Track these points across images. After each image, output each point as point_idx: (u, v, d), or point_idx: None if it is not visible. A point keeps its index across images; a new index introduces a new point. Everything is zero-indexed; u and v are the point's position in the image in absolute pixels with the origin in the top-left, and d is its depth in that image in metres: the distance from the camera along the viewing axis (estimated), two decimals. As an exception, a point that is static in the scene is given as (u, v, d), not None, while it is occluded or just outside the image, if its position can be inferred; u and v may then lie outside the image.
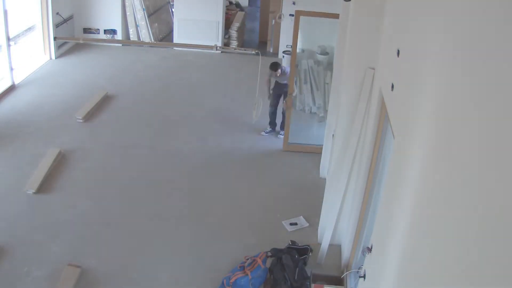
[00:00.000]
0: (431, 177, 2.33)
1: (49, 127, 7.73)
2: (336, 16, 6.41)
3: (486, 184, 1.68)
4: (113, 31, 11.64)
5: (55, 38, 10.12)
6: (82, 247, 5.32)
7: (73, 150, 7.11)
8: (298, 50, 11.11)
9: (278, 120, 7.94)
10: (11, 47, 8.97)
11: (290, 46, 11.36)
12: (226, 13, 12.82)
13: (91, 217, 5.80)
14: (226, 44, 11.95)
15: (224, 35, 11.98)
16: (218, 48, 9.23)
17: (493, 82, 1.70)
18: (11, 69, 8.94)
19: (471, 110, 1.90)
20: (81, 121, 7.93)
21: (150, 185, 6.50)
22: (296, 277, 4.82)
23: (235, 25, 12.05)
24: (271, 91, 7.93)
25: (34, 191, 6.12)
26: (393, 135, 3.30)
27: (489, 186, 1.66)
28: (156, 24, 12.19)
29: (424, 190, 2.43)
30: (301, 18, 7.11)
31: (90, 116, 8.15)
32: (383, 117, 4.09)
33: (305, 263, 5.07)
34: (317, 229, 5.72)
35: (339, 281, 4.96)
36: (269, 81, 7.90)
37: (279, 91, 7.87)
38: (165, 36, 12.64)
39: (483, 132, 1.76)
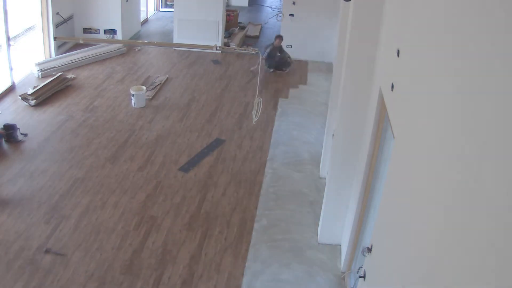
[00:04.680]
0: (431, 177, 2.33)
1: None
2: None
3: (487, 184, 1.68)
4: (113, 31, 11.64)
5: (55, 38, 10.12)
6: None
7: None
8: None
9: None
10: (11, 47, 8.97)
11: (290, 46, 11.41)
12: (228, 15, 12.81)
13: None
14: (226, 44, 11.95)
15: (225, 35, 12.00)
16: (218, 48, 9.21)
17: (493, 82, 1.70)
18: (11, 69, 8.95)
19: (472, 109, 1.89)
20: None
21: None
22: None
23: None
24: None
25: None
26: (393, 135, 3.30)
27: (490, 185, 1.66)
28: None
29: (424, 190, 2.43)
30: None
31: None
32: (383, 117, 4.09)
33: None
34: (317, 229, 5.72)
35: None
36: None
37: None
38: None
39: (483, 132, 1.76)
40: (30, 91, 8.47)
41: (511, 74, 1.55)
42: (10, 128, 7.27)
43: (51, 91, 8.79)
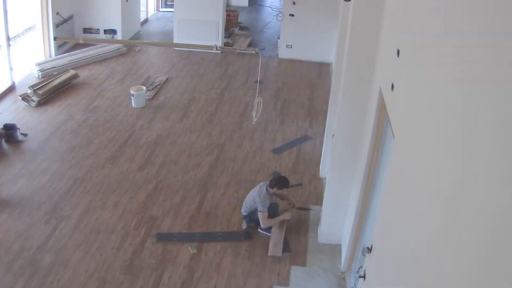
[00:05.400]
0: (431, 177, 2.33)
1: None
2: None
3: (486, 184, 1.68)
4: (113, 31, 11.64)
5: (55, 38, 10.11)
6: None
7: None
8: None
9: None
10: (11, 47, 8.97)
11: (290, 46, 11.42)
12: (228, 15, 12.79)
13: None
14: (226, 43, 11.95)
15: (225, 35, 11.99)
16: (218, 48, 9.22)
17: (493, 81, 1.70)
18: (11, 69, 8.95)
19: (472, 109, 1.89)
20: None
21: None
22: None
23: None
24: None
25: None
26: (393, 135, 3.30)
27: (489, 185, 1.65)
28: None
29: (424, 190, 2.43)
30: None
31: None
32: (383, 117, 4.09)
33: None
34: (317, 229, 5.72)
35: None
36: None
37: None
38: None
39: (483, 132, 1.76)
40: (32, 89, 8.46)
41: (511, 75, 1.55)
42: (10, 128, 7.27)
43: (57, 88, 8.82)
